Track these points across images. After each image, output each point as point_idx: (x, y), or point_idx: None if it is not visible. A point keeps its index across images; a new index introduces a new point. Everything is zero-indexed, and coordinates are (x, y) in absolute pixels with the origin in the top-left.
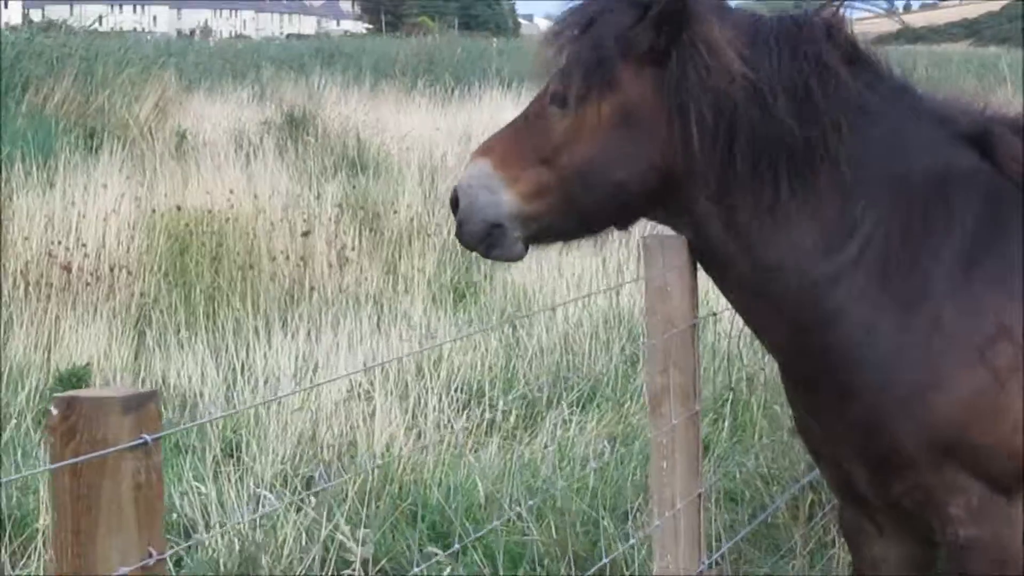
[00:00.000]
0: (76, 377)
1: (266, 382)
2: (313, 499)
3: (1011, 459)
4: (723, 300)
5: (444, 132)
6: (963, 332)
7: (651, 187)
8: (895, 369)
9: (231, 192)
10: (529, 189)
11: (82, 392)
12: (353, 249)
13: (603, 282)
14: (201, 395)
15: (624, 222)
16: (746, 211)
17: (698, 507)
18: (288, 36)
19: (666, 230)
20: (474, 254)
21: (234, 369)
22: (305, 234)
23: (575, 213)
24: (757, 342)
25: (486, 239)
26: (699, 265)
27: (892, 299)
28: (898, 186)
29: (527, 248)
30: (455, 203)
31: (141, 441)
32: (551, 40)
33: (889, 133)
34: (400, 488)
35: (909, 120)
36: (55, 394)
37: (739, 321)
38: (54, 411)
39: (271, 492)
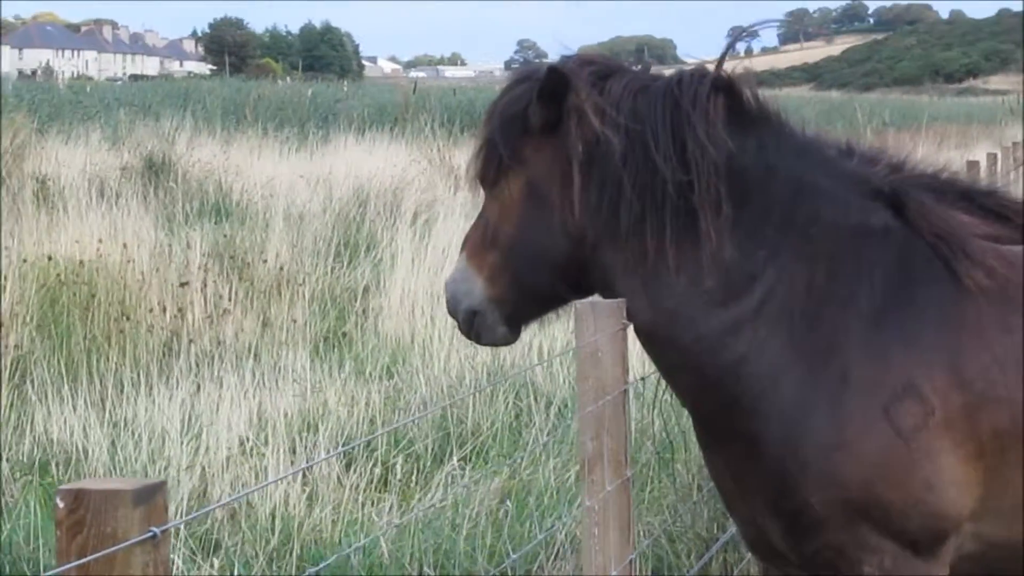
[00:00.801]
0: None
1: (150, 439)
2: (216, 561)
3: (924, 518)
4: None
5: (305, 179)
6: (868, 389)
7: (570, 252)
8: (800, 424)
9: (100, 241)
10: (490, 273)
11: (90, 483)
12: (230, 300)
13: None
14: (86, 452)
15: (577, 291)
16: (643, 262)
17: (630, 573)
18: (132, 77)
19: None
20: (343, 303)
21: (116, 424)
22: (183, 284)
23: (526, 288)
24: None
25: (472, 327)
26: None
27: (797, 352)
28: (803, 239)
29: (514, 330)
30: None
31: (150, 534)
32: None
33: (794, 188)
34: (302, 548)
35: (818, 176)
36: (61, 486)
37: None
38: (60, 503)
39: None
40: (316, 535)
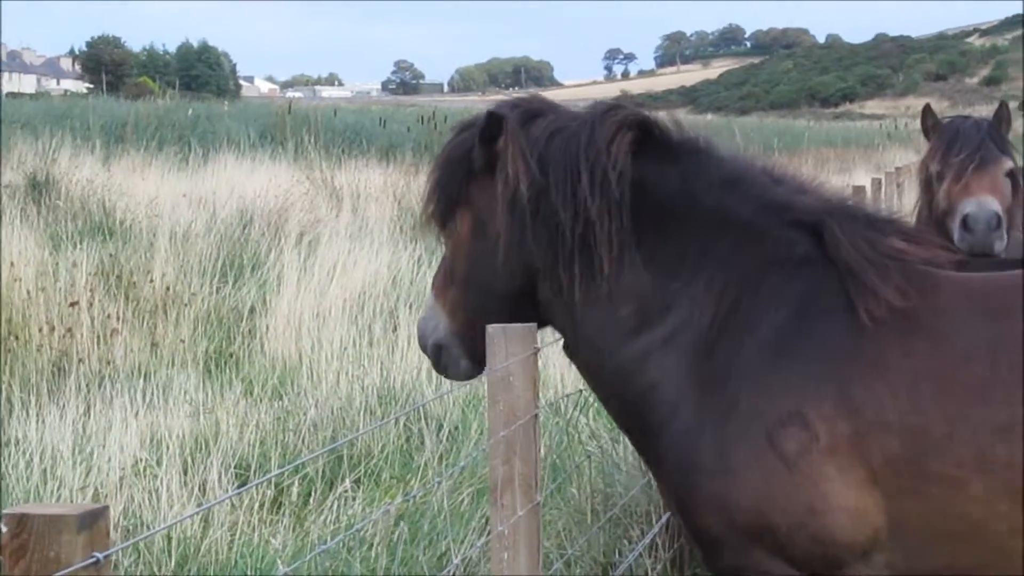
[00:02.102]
0: None
1: (42, 460)
2: None
3: (812, 542)
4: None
5: (189, 198)
6: (753, 417)
7: (511, 285)
8: (693, 450)
9: None
10: (451, 308)
11: (33, 508)
12: (118, 319)
13: (366, 350)
14: None
15: (535, 322)
16: (561, 294)
17: None
18: (8, 95)
19: None
20: (229, 323)
21: (7, 444)
22: (72, 304)
23: (480, 321)
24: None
25: (439, 361)
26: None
27: (697, 380)
28: (719, 270)
29: (476, 365)
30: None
31: (93, 559)
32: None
33: (714, 219)
34: (199, 571)
35: (741, 207)
36: (4, 510)
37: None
38: (4, 528)
39: None
40: (212, 557)
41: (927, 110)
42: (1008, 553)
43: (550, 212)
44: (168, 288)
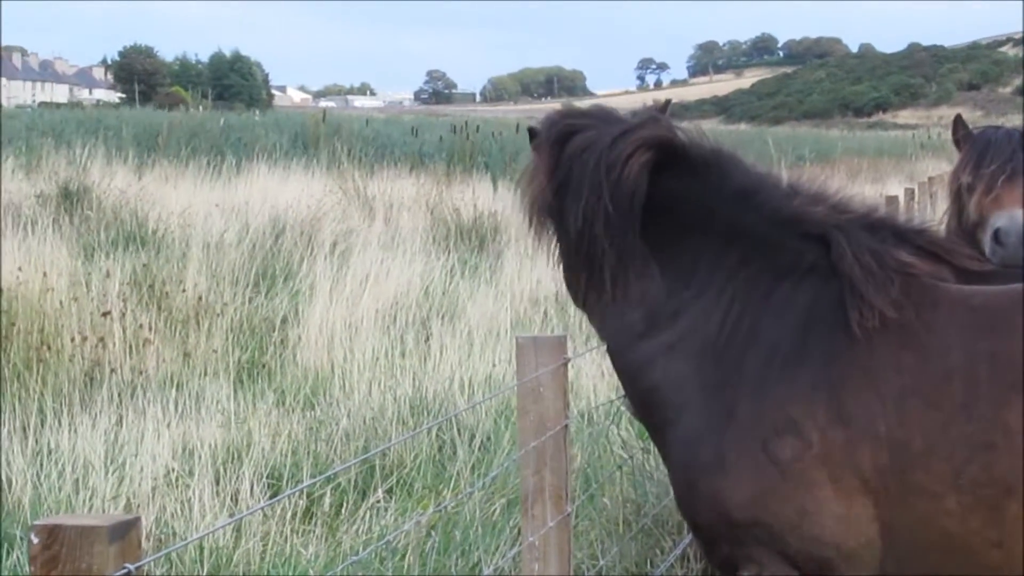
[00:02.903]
0: None
1: (74, 470)
2: None
3: (803, 543)
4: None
5: (221, 208)
6: (751, 422)
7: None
8: (693, 450)
9: (19, 269)
10: None
11: (65, 519)
12: (151, 329)
13: (399, 361)
14: (9, 483)
15: None
16: (593, 296)
17: None
18: (40, 104)
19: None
20: (261, 333)
21: (39, 453)
22: (105, 314)
23: None
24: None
25: None
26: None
27: (701, 385)
28: (730, 280)
29: None
30: None
31: (125, 571)
32: None
33: (729, 231)
34: None
35: (756, 218)
36: (35, 521)
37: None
38: (34, 539)
39: None
40: (245, 567)
41: (958, 120)
42: (989, 565)
43: (565, 225)
44: (200, 298)
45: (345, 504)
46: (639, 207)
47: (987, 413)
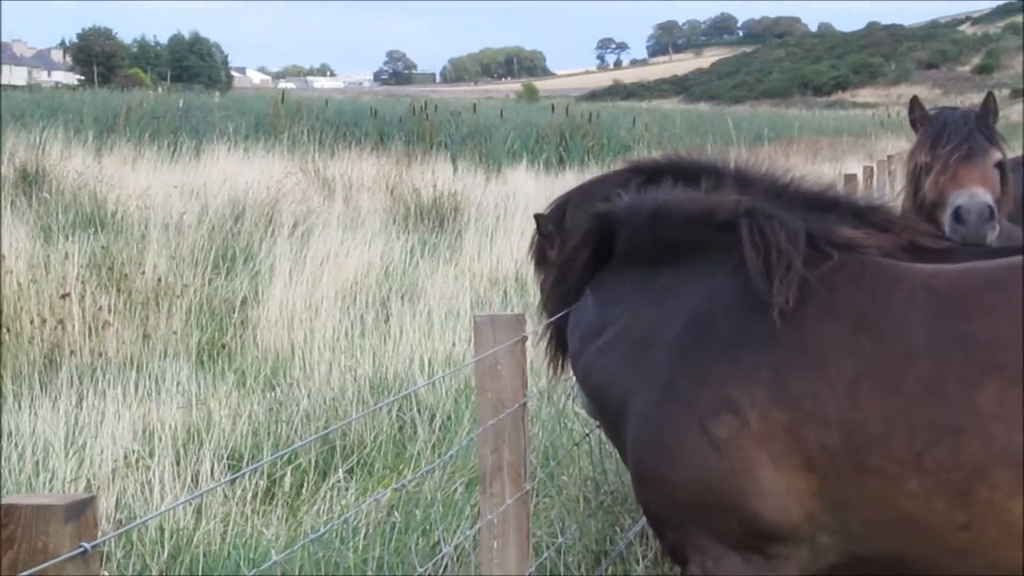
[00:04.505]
0: None
1: (34, 452)
2: (106, 574)
3: (742, 523)
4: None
5: (180, 190)
6: (690, 401)
7: None
8: (636, 433)
9: None
10: None
11: (21, 499)
12: (110, 311)
13: (359, 341)
14: None
15: None
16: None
17: None
18: None
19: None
20: (221, 314)
21: None
22: (64, 296)
23: None
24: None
25: None
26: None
27: (635, 376)
28: (661, 288)
29: None
30: None
31: (81, 550)
32: None
33: (649, 252)
34: (191, 562)
35: (670, 232)
36: None
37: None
38: None
39: None
40: (205, 548)
41: (915, 101)
42: (955, 547)
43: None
44: (160, 280)
45: (306, 485)
46: (575, 278)
47: (955, 396)
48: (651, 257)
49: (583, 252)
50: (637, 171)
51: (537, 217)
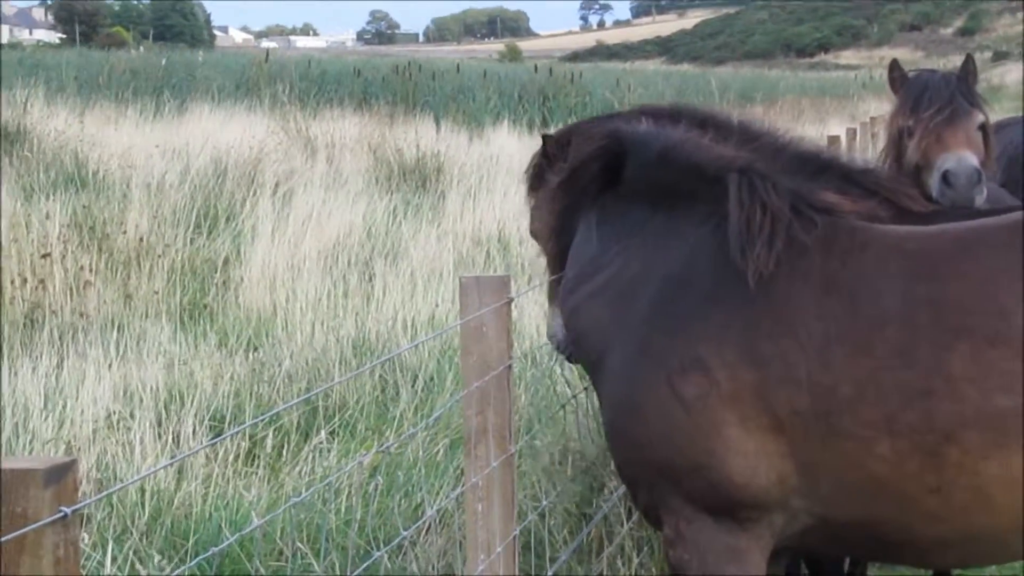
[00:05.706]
0: None
1: (13, 413)
2: (87, 536)
3: (710, 484)
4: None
5: (162, 149)
6: (658, 360)
7: None
8: (610, 388)
9: None
10: None
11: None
12: (91, 271)
13: (341, 301)
14: None
15: None
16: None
17: (514, 550)
18: None
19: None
20: (203, 274)
21: None
22: (45, 256)
23: None
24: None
25: None
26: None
27: (619, 326)
28: (649, 233)
29: None
30: None
31: (61, 515)
32: None
33: (647, 193)
34: (172, 523)
35: (671, 176)
36: None
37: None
38: None
39: None
40: (187, 509)
41: (894, 63)
42: (925, 512)
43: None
44: (142, 239)
45: (288, 446)
46: (587, 193)
47: (925, 359)
48: (651, 198)
49: (592, 166)
50: (645, 115)
51: (545, 136)
